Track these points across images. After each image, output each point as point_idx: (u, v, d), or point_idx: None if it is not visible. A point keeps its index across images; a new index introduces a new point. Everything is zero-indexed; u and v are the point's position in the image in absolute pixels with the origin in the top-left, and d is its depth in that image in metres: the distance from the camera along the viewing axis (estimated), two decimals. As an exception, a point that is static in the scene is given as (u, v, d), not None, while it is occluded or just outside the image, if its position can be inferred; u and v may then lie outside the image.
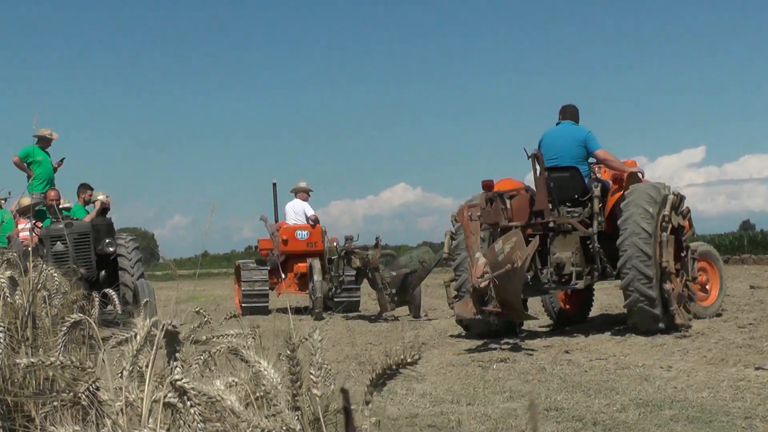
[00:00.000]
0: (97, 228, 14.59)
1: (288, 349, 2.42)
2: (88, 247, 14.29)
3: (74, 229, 14.20)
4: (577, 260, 12.26)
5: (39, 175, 16.39)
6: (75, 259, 13.71)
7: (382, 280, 16.58)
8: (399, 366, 2.27)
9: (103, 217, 15.36)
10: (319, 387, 2.41)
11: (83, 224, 14.57)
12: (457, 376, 9.14)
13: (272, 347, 3.27)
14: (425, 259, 16.97)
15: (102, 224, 14.86)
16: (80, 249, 14.17)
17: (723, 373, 8.44)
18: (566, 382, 8.41)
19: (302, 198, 20.82)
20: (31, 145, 16.53)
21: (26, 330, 3.48)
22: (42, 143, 16.61)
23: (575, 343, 11.18)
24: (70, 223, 14.29)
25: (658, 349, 10.36)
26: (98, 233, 14.52)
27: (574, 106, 13.07)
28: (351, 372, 9.15)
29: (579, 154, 12.46)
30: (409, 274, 16.57)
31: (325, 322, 15.96)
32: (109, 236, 14.69)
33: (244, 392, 2.61)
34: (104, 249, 14.43)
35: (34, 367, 2.49)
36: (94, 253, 14.35)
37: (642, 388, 7.88)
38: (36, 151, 16.51)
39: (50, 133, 16.72)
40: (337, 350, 11.49)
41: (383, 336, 13.27)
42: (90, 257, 14.25)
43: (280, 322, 16.13)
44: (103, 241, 14.46)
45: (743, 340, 10.39)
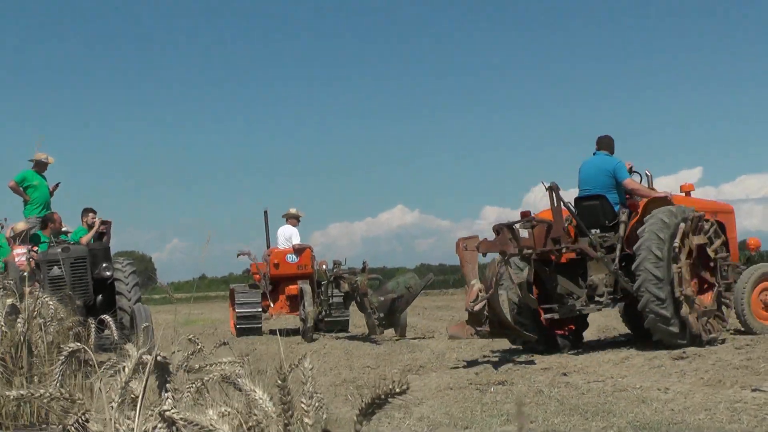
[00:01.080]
0: (94, 252, 14.48)
1: (279, 378, 2.42)
2: (85, 271, 14.15)
3: (71, 254, 14.05)
4: (610, 282, 12.83)
5: (35, 200, 16.34)
6: (72, 283, 13.41)
7: (370, 304, 17.01)
8: (388, 395, 2.28)
9: (100, 241, 15.24)
10: (311, 416, 2.42)
11: (80, 249, 14.42)
12: (455, 399, 9.13)
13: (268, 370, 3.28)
14: (411, 285, 17.52)
15: (99, 248, 14.75)
16: (77, 274, 14.01)
17: (720, 394, 8.43)
18: (564, 404, 8.40)
19: (292, 224, 21.50)
20: (27, 170, 16.51)
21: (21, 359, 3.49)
22: (38, 167, 16.54)
23: (573, 366, 11.18)
24: (67, 247, 14.16)
25: (655, 370, 10.35)
26: (95, 257, 14.39)
27: (608, 136, 13.80)
28: (348, 396, 9.14)
29: (608, 183, 13.24)
30: (396, 298, 17.12)
31: (322, 346, 15.95)
32: (106, 260, 14.54)
33: (237, 422, 2.61)
34: (101, 273, 14.28)
35: (24, 398, 2.50)
36: (91, 277, 14.21)
37: (639, 410, 7.87)
38: (32, 175, 16.48)
39: (46, 158, 16.64)
40: (334, 374, 11.49)
41: (381, 359, 13.24)
42: (87, 282, 14.10)
43: (277, 345, 16.12)
44: (100, 265, 14.32)
45: (740, 361, 10.38)
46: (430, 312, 26.38)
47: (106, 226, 15.99)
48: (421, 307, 28.25)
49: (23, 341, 3.55)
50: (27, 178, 16.40)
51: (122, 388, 2.43)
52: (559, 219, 12.77)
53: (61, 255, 13.86)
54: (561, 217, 12.79)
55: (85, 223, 16.52)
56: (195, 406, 2.93)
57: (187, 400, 2.97)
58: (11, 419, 3.00)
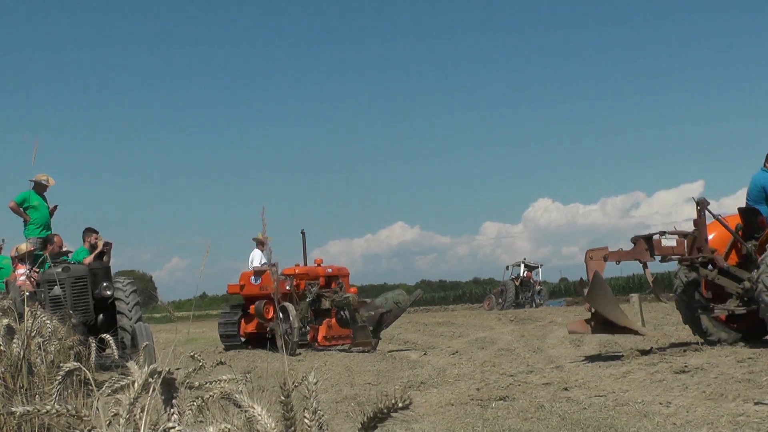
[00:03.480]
0: (94, 272, 14.44)
1: (282, 394, 2.43)
2: (85, 291, 14.11)
3: (71, 273, 14.03)
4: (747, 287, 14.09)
5: (35, 220, 16.38)
6: (72, 303, 13.56)
7: (361, 318, 18.74)
8: (390, 410, 2.28)
9: (100, 260, 15.18)
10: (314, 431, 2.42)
11: (81, 268, 14.37)
12: (456, 415, 9.12)
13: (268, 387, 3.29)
14: (399, 300, 19.46)
15: (99, 268, 14.69)
16: (78, 293, 13.99)
17: (722, 408, 8.42)
18: (565, 419, 8.39)
19: (259, 248, 22.79)
20: (27, 191, 16.56)
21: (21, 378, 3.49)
22: (38, 188, 16.62)
23: (574, 380, 11.17)
24: (67, 267, 14.13)
25: (657, 384, 10.34)
26: (95, 277, 14.37)
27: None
28: (349, 412, 9.13)
29: (759, 197, 14.80)
30: (384, 313, 18.98)
31: (323, 363, 15.96)
32: (107, 280, 14.50)
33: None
34: (102, 293, 14.26)
35: (29, 415, 2.50)
36: (92, 296, 14.18)
37: (641, 424, 7.86)
38: (32, 196, 16.54)
39: (46, 179, 16.68)
40: (336, 390, 11.48)
41: (381, 376, 13.24)
42: (88, 301, 14.07)
43: (278, 363, 16.12)
44: (101, 284, 14.30)
45: (742, 374, 10.37)
46: (431, 328, 26.37)
47: (107, 248, 16.01)
48: (422, 324, 28.24)
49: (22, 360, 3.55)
50: (27, 199, 16.43)
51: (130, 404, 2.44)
52: (703, 230, 14.51)
53: (62, 275, 13.84)
54: (704, 229, 14.51)
55: (87, 243, 16.51)
56: (196, 423, 2.94)
57: (188, 417, 2.98)
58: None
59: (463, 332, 23.42)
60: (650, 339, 15.43)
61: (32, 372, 3.68)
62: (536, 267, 52.05)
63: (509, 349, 16.89)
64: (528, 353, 15.66)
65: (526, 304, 47.62)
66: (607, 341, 16.42)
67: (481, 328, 24.67)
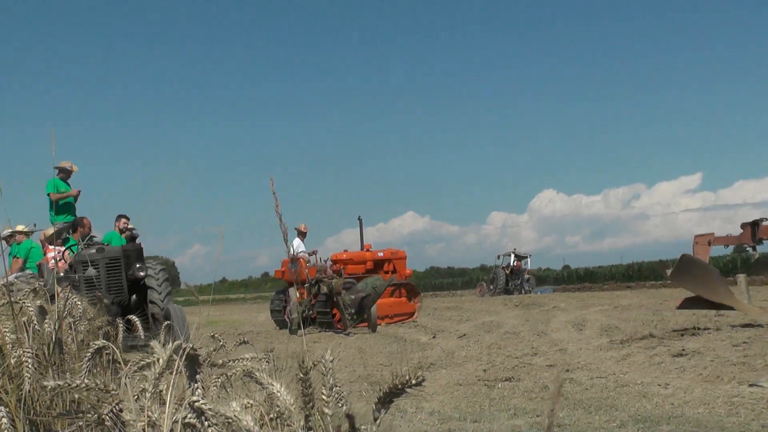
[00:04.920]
0: (127, 254, 14.24)
1: (301, 372, 2.43)
2: (119, 272, 13.93)
3: (105, 254, 13.85)
4: None
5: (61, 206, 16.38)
6: (107, 284, 13.52)
7: (343, 302, 19.75)
8: (404, 386, 2.29)
9: (133, 242, 14.94)
10: (330, 407, 2.42)
11: (115, 249, 14.24)
12: (464, 395, 9.12)
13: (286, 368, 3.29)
14: (377, 285, 20.16)
15: (132, 250, 14.48)
16: (112, 274, 13.83)
17: (718, 389, 8.41)
18: (568, 399, 8.39)
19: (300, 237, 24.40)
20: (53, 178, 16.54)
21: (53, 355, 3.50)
22: (63, 175, 16.64)
23: (576, 363, 11.16)
24: (101, 248, 13.95)
25: (656, 367, 10.33)
26: (129, 258, 14.17)
27: None
28: (363, 391, 9.14)
29: None
30: (364, 297, 19.84)
31: (338, 344, 15.97)
32: (140, 261, 14.31)
33: (259, 413, 2.62)
34: (135, 274, 14.06)
35: (61, 389, 2.50)
36: (126, 278, 14.01)
37: (641, 404, 7.86)
38: (59, 182, 16.57)
39: (71, 166, 16.70)
40: (349, 371, 11.49)
41: (393, 357, 13.25)
42: (121, 282, 13.91)
43: (295, 345, 16.14)
44: (134, 266, 14.10)
45: (737, 358, 10.35)
46: (440, 312, 26.33)
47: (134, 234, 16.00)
48: (431, 308, 28.23)
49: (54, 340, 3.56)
50: (57, 185, 16.35)
51: (156, 378, 2.44)
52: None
53: (96, 256, 13.69)
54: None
55: (117, 228, 16.48)
56: (219, 399, 2.94)
57: (212, 393, 2.99)
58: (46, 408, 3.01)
59: (470, 316, 23.39)
60: (749, 313, 15.53)
61: (63, 350, 3.68)
62: (525, 257, 52.54)
63: (514, 332, 16.88)
64: (532, 336, 15.64)
65: (515, 290, 48.12)
66: (609, 326, 16.41)
67: (487, 313, 24.64)
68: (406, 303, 23.31)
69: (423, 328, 19.60)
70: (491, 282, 49.33)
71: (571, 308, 24.14)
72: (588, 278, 68.60)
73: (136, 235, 15.07)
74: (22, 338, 3.37)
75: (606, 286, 54.99)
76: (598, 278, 66.54)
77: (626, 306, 23.31)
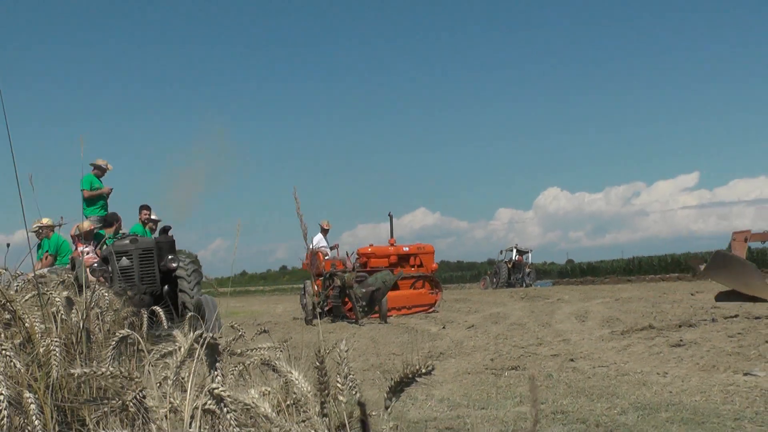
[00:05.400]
0: (160, 245, 13.89)
1: (317, 360, 2.42)
2: (152, 263, 13.62)
3: (139, 245, 13.53)
4: None
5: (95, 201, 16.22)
6: (140, 274, 13.26)
7: (355, 295, 19.99)
8: (415, 375, 2.27)
9: (165, 234, 14.45)
10: (345, 395, 2.41)
11: (148, 240, 13.93)
12: (472, 383, 9.11)
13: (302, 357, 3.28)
14: (386, 280, 20.36)
15: (165, 241, 14.09)
16: (145, 264, 13.49)
17: (714, 378, 8.39)
18: (571, 387, 8.38)
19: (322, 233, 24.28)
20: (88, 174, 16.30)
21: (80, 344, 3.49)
22: (98, 172, 16.42)
23: (579, 353, 11.14)
24: (135, 239, 13.70)
25: (655, 357, 10.30)
26: (161, 250, 13.81)
27: None
28: (375, 380, 9.13)
29: None
30: (375, 290, 20.12)
31: (351, 334, 15.97)
32: (172, 253, 13.93)
33: (276, 400, 2.61)
34: (167, 265, 13.66)
35: (87, 376, 2.50)
36: (158, 269, 13.65)
37: (640, 392, 7.84)
38: (94, 178, 16.35)
39: (105, 164, 16.46)
40: (363, 360, 11.48)
41: (405, 347, 13.23)
42: (154, 273, 13.58)
43: (311, 334, 16.15)
44: (166, 257, 13.72)
45: (732, 348, 10.33)
46: (449, 304, 26.29)
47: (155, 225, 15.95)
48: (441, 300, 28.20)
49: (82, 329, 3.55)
50: (93, 181, 16.20)
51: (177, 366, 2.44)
52: None
53: (129, 246, 13.41)
54: None
55: (140, 220, 16.36)
56: (237, 386, 2.94)
57: (230, 381, 2.98)
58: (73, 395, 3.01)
59: (478, 308, 23.37)
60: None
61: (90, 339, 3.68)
62: (526, 252, 52.69)
63: (520, 323, 16.85)
64: (537, 327, 15.62)
65: (517, 284, 48.19)
66: (610, 317, 16.38)
67: (494, 305, 24.61)
68: (426, 295, 23.31)
69: (433, 319, 19.58)
70: (494, 275, 49.46)
71: (575, 301, 24.10)
72: (590, 272, 68.49)
73: (168, 227, 14.59)
74: (51, 328, 3.36)
75: (607, 280, 54.83)
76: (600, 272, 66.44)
77: (627, 299, 23.25)
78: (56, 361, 2.95)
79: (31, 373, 2.94)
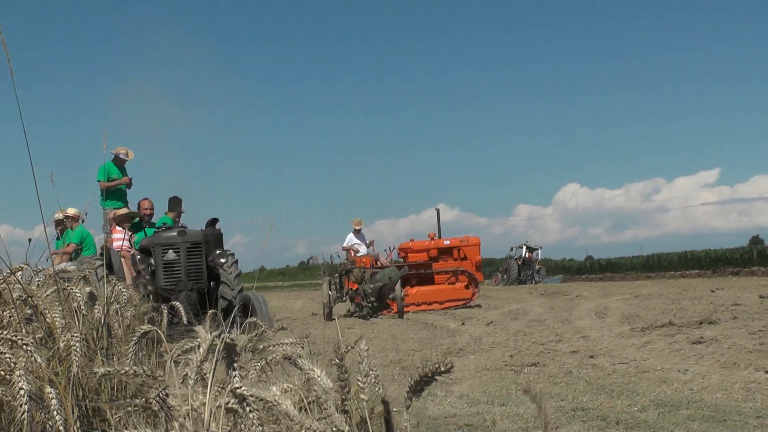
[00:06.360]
0: (207, 239, 12.86)
1: (337, 358, 2.42)
2: (200, 257, 12.59)
3: (187, 238, 12.55)
4: None
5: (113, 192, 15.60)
6: (187, 269, 12.33)
7: (364, 291, 20.74)
8: (434, 374, 2.27)
9: (212, 227, 13.35)
10: (366, 392, 2.40)
11: (196, 233, 12.79)
12: (492, 380, 9.09)
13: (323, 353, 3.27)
14: (392, 276, 20.79)
15: (212, 235, 13.07)
16: (192, 259, 12.51)
17: (735, 376, 8.35)
18: (591, 384, 8.35)
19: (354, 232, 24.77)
20: (107, 162, 15.65)
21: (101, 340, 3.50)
22: (117, 161, 15.82)
23: (599, 349, 11.11)
24: (183, 231, 12.64)
25: (675, 354, 10.26)
26: (208, 244, 12.80)
27: None
28: (395, 376, 9.13)
29: None
30: (382, 286, 20.59)
31: (371, 330, 15.99)
32: (219, 247, 12.96)
33: (298, 397, 2.61)
34: (215, 260, 12.70)
35: (109, 375, 2.50)
36: (206, 264, 12.66)
37: (661, 389, 7.81)
38: (112, 168, 15.72)
39: (126, 153, 15.81)
40: (382, 356, 11.47)
41: (424, 343, 13.23)
42: (202, 268, 12.53)
43: (330, 331, 16.17)
44: (214, 252, 12.75)
45: (754, 345, 10.28)
46: (467, 300, 26.30)
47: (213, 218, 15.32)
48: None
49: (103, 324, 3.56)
50: (110, 171, 15.58)
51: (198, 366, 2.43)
52: None
53: (177, 239, 12.48)
54: None
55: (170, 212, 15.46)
56: (259, 383, 2.93)
57: (252, 377, 2.97)
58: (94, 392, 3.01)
59: (497, 304, 23.37)
60: None
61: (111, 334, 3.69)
62: (536, 249, 53.08)
63: (540, 320, 16.83)
64: (557, 324, 15.59)
65: (528, 280, 48.53)
66: (630, 314, 16.33)
67: (514, 301, 24.60)
68: (462, 290, 23.25)
69: (452, 315, 19.59)
70: (505, 272, 49.84)
71: (594, 297, 24.05)
72: (610, 268, 68.17)
73: (216, 220, 13.55)
74: (71, 323, 3.37)
75: (627, 276, 54.70)
76: (620, 268, 66.12)
77: (647, 295, 23.19)
78: (77, 357, 2.95)
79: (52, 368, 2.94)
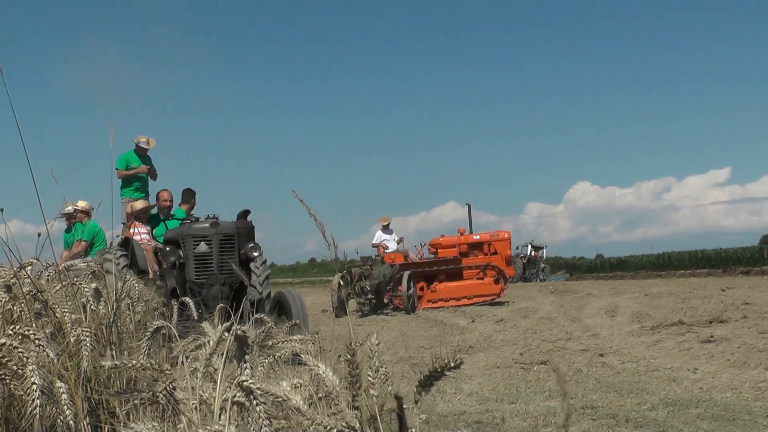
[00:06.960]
0: (239, 231, 12.27)
1: (348, 353, 2.41)
2: (233, 250, 11.99)
3: (220, 230, 11.97)
4: None
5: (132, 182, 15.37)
6: (219, 262, 11.77)
7: (361, 288, 20.79)
8: (444, 369, 2.26)
9: (244, 219, 12.74)
10: (376, 388, 2.40)
11: (229, 225, 12.19)
12: (501, 377, 9.08)
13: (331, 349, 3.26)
14: (386, 273, 20.87)
15: (244, 227, 12.49)
16: (225, 251, 11.94)
17: (745, 375, 8.32)
18: (601, 382, 8.34)
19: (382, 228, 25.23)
20: (128, 152, 15.41)
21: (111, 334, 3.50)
22: (139, 150, 15.47)
23: (609, 348, 11.08)
24: (215, 222, 12.00)
25: (685, 352, 10.23)
26: (240, 237, 12.21)
27: None
28: (404, 373, 9.12)
29: None
30: (378, 283, 20.70)
31: (380, 327, 15.97)
32: (251, 240, 12.38)
33: (308, 393, 2.60)
34: (248, 254, 12.18)
35: (117, 368, 2.50)
36: (239, 257, 12.10)
37: (670, 388, 7.79)
38: (132, 157, 15.39)
39: (146, 141, 15.51)
40: (392, 353, 11.45)
41: (433, 340, 13.21)
42: (235, 261, 11.86)
43: (340, 327, 16.16)
44: (246, 245, 12.20)
45: (764, 344, 10.24)
46: (478, 298, 26.26)
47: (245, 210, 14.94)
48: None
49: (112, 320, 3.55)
50: (129, 159, 15.27)
51: (207, 359, 2.43)
52: None
53: (209, 230, 11.92)
54: None
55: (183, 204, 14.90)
56: (268, 379, 2.93)
57: (260, 373, 2.97)
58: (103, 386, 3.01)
59: (507, 302, 23.33)
60: None
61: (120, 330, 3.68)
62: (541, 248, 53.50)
63: (549, 318, 16.79)
64: (567, 322, 15.55)
65: (533, 278, 48.71)
66: (640, 313, 16.28)
67: (523, 299, 24.54)
68: (490, 285, 23.05)
69: (462, 313, 19.55)
70: None
71: (604, 295, 24.00)
72: (620, 267, 68.11)
73: (248, 211, 12.94)
74: (80, 318, 3.37)
75: (637, 275, 54.60)
76: (630, 267, 66.05)
77: (657, 294, 23.12)
78: (87, 351, 2.95)
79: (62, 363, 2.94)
